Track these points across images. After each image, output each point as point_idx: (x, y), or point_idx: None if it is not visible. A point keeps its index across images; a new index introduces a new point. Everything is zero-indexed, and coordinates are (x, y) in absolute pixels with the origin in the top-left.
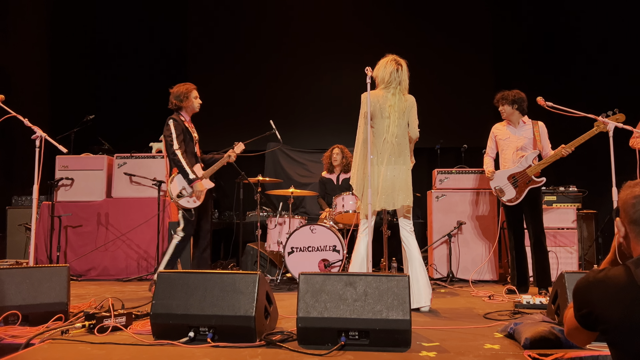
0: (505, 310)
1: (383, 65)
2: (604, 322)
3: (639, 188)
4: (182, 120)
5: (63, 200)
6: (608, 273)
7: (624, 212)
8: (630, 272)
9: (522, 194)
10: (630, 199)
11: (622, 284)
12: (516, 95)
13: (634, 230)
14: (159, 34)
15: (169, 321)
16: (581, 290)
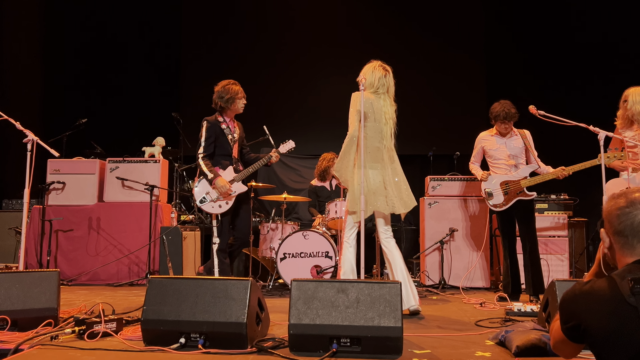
0: (497, 318)
1: (370, 70)
2: (591, 334)
3: (623, 199)
4: (218, 121)
5: (54, 204)
6: (594, 285)
7: (608, 224)
8: (616, 284)
9: (510, 202)
10: (615, 211)
11: (608, 296)
12: (516, 110)
13: (619, 241)
14: (153, 37)
15: (160, 327)
16: (567, 302)
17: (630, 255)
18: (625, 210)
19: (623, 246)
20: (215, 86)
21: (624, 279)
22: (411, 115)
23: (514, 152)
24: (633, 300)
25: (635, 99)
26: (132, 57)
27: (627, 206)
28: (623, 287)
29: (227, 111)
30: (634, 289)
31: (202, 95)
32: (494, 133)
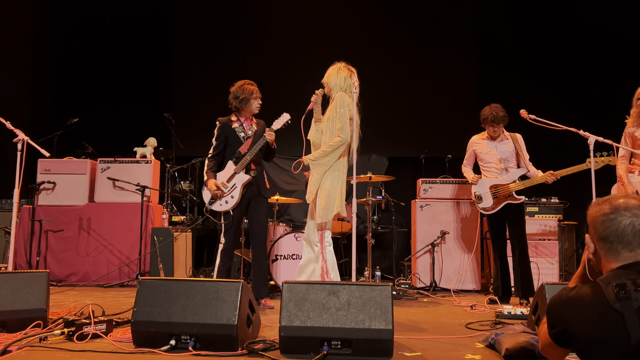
0: (487, 321)
1: (335, 71)
2: (577, 340)
3: (608, 205)
4: (231, 121)
5: (44, 204)
6: (579, 291)
7: (593, 229)
8: (601, 290)
9: (499, 205)
10: (600, 217)
11: (593, 302)
12: (505, 114)
13: (603, 247)
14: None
15: (150, 329)
16: (554, 308)
17: (614, 261)
18: (610, 217)
19: (608, 252)
20: (232, 87)
21: (609, 285)
22: (403, 118)
23: (504, 156)
24: (618, 306)
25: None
26: (124, 56)
27: (611, 212)
28: (608, 293)
29: (242, 111)
30: (618, 294)
31: (194, 96)
32: (485, 136)
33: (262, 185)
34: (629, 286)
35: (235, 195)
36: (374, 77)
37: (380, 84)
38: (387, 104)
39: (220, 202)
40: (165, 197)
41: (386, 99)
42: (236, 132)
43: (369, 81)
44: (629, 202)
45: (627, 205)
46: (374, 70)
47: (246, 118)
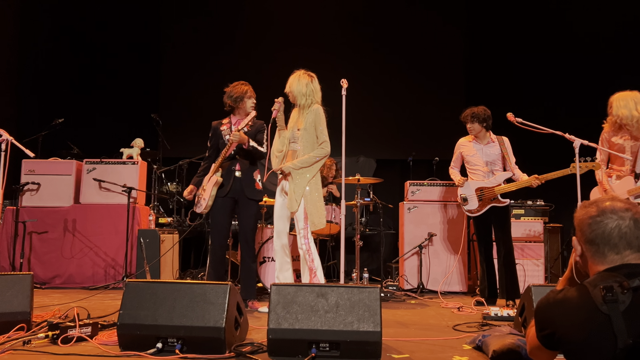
0: (474, 322)
1: (296, 80)
2: (565, 342)
3: (594, 208)
4: (220, 123)
5: (28, 206)
6: (567, 294)
7: (580, 232)
8: (588, 293)
9: (484, 208)
10: (586, 219)
11: (580, 304)
12: (485, 113)
13: (590, 249)
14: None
15: (137, 332)
16: (542, 310)
17: (601, 263)
18: (597, 219)
19: (594, 254)
20: (226, 87)
21: (596, 287)
22: (391, 121)
23: (490, 159)
24: (605, 309)
25: (620, 104)
26: (110, 56)
27: (598, 215)
28: (595, 296)
29: (237, 111)
30: (605, 297)
31: (181, 96)
32: (471, 139)
33: (248, 186)
34: (615, 288)
35: (206, 197)
36: (361, 80)
37: (368, 87)
38: (374, 106)
39: (197, 205)
40: (152, 198)
41: (374, 102)
42: (222, 134)
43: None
44: (615, 204)
45: (613, 208)
46: (361, 74)
47: (240, 118)
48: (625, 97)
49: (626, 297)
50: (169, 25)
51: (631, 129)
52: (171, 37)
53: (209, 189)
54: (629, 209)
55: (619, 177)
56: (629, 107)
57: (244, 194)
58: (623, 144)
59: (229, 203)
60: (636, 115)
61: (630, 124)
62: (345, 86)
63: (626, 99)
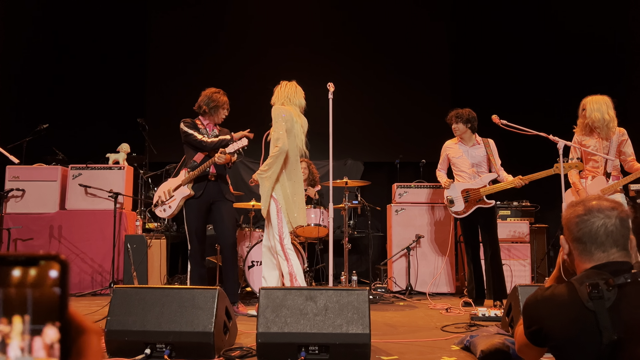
0: (462, 323)
1: (283, 85)
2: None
3: (581, 207)
4: (195, 124)
5: (13, 212)
6: (554, 291)
7: (567, 230)
8: (575, 290)
9: (470, 209)
10: (574, 218)
11: (567, 301)
12: (470, 114)
13: (577, 248)
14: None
15: (125, 338)
16: (530, 307)
17: (588, 261)
18: (584, 218)
19: (581, 252)
20: (204, 90)
21: (582, 285)
22: (378, 124)
23: (475, 161)
24: (591, 305)
25: (593, 107)
26: (96, 61)
27: (585, 214)
28: (582, 293)
29: (208, 117)
30: (591, 294)
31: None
32: (457, 141)
33: (224, 188)
34: (601, 285)
35: (173, 206)
36: (348, 83)
37: (355, 90)
38: (361, 109)
39: (160, 208)
40: (139, 203)
41: (361, 105)
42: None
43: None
44: (602, 204)
45: (600, 207)
46: (348, 77)
47: (209, 123)
48: (598, 100)
49: (612, 294)
50: (154, 30)
51: (601, 132)
52: (157, 41)
53: (178, 198)
54: (615, 208)
55: (594, 177)
56: (602, 111)
57: (222, 194)
58: (595, 145)
59: (204, 205)
60: (607, 119)
61: (601, 127)
62: (332, 90)
63: (599, 103)
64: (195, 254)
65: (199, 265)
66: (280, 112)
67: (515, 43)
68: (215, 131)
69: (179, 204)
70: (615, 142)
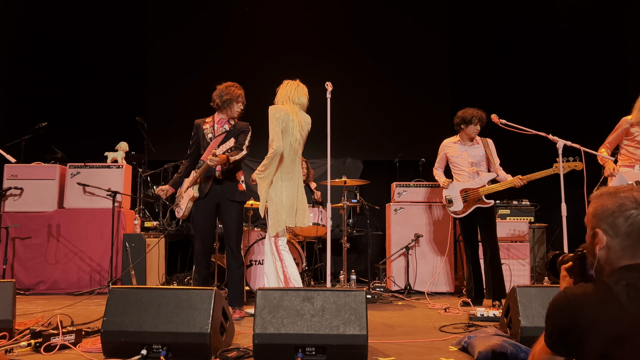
0: (460, 323)
1: (285, 84)
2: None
3: (628, 199)
4: (204, 122)
5: (11, 211)
6: (586, 290)
7: (606, 223)
8: (610, 290)
9: (469, 209)
10: (621, 211)
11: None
12: (484, 117)
13: (621, 243)
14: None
15: (121, 338)
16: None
17: (630, 258)
18: (633, 213)
19: (625, 249)
20: (219, 85)
21: (619, 284)
22: (378, 123)
23: (475, 160)
24: (633, 307)
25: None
26: (94, 59)
27: (635, 207)
28: (620, 293)
29: (222, 111)
30: (630, 294)
31: (166, 100)
32: (456, 140)
33: (230, 188)
34: (638, 286)
35: (182, 207)
36: (347, 82)
37: (354, 89)
38: (361, 108)
39: (177, 209)
40: (138, 202)
41: (360, 104)
42: (204, 132)
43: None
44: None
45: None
46: (347, 76)
47: (223, 118)
48: None
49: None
50: (154, 29)
51: None
52: (156, 41)
53: (185, 199)
54: None
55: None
56: None
57: (225, 196)
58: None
59: (211, 205)
60: None
61: None
62: (330, 89)
63: None
64: (198, 254)
65: (201, 266)
66: (274, 112)
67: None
68: (226, 127)
69: (188, 206)
70: None
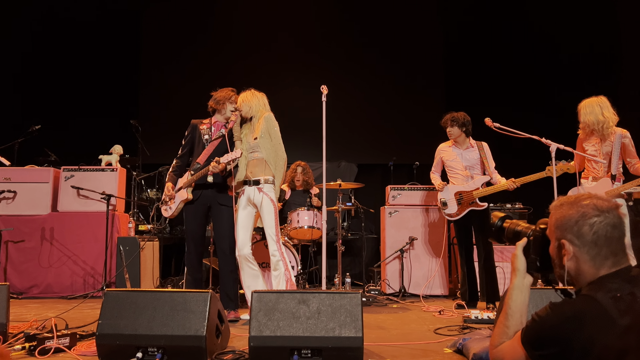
0: (455, 326)
1: (251, 96)
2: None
3: (590, 207)
4: (201, 123)
5: (4, 214)
6: (575, 307)
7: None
8: (599, 304)
9: (463, 212)
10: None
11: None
12: (465, 118)
13: (589, 252)
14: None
15: (116, 342)
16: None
17: (602, 267)
18: (596, 220)
19: (594, 258)
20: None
21: (606, 298)
22: (372, 126)
23: (469, 163)
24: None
25: (586, 111)
26: (89, 61)
27: (597, 214)
28: (609, 307)
29: (218, 112)
30: (619, 307)
31: (161, 102)
32: (451, 144)
33: (220, 192)
34: (625, 297)
35: (173, 207)
36: (342, 85)
37: (349, 92)
38: (355, 111)
39: (165, 207)
40: (132, 205)
41: (354, 107)
42: (201, 134)
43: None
44: (605, 203)
45: (608, 207)
46: (342, 79)
47: (219, 121)
48: (591, 103)
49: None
50: (148, 31)
51: (598, 134)
52: (150, 43)
53: (177, 200)
54: (617, 207)
55: (595, 178)
56: (595, 113)
57: (216, 199)
58: (596, 147)
59: (201, 209)
60: (602, 120)
61: (597, 129)
62: (325, 92)
63: (592, 105)
64: (190, 257)
65: (194, 268)
66: (275, 122)
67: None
68: (223, 131)
69: (179, 207)
70: (618, 144)
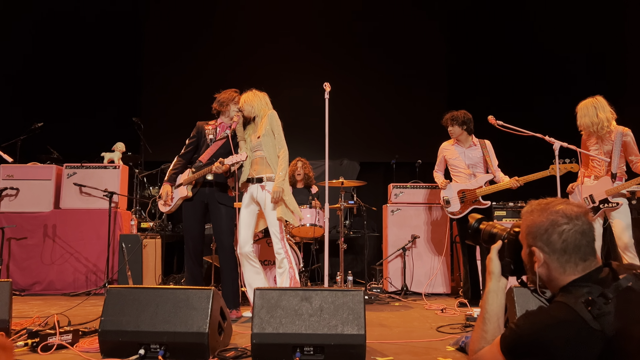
0: (457, 324)
1: (253, 96)
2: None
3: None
4: (206, 123)
5: (7, 211)
6: (551, 314)
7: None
8: (572, 310)
9: (466, 210)
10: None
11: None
12: (465, 116)
13: (559, 259)
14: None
15: (119, 338)
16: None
17: (572, 273)
18: (565, 228)
19: (564, 264)
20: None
21: (578, 303)
22: (375, 124)
23: (472, 162)
24: (597, 325)
25: (582, 113)
26: (91, 59)
27: (566, 222)
28: (582, 312)
29: (222, 114)
30: (593, 312)
31: (163, 100)
32: (453, 143)
33: (219, 190)
34: (597, 300)
35: (171, 204)
36: (345, 83)
37: (352, 90)
38: (358, 109)
39: (162, 201)
40: (134, 203)
41: (357, 105)
42: (206, 134)
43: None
44: (575, 209)
45: (577, 213)
46: (345, 77)
47: (224, 122)
48: (586, 105)
49: (610, 306)
50: (151, 30)
51: (595, 134)
52: (153, 41)
53: (177, 197)
54: (587, 212)
55: (597, 177)
56: (590, 115)
57: (214, 198)
58: (597, 147)
59: (199, 206)
60: (596, 122)
61: (593, 130)
62: (328, 90)
63: (587, 107)
64: (189, 253)
65: (194, 264)
66: (279, 120)
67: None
68: (227, 131)
69: (177, 203)
70: (619, 142)
